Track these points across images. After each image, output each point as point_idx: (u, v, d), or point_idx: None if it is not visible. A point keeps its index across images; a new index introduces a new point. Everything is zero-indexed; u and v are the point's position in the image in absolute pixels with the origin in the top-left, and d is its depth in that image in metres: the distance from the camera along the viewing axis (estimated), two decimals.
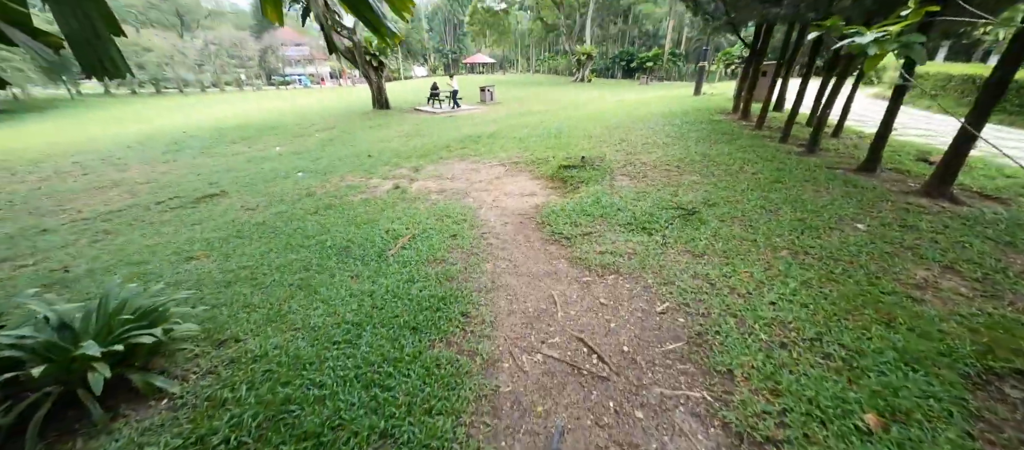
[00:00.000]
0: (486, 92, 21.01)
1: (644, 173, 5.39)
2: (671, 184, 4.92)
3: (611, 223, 4.02)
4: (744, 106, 8.57)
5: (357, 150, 10.35)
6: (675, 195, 4.52)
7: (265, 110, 25.42)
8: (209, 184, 8.27)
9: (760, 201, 4.25)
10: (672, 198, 4.45)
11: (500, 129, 11.07)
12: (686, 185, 4.82)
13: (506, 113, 15.58)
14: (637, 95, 20.88)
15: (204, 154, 12.35)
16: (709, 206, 4.15)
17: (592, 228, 3.94)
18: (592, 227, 3.96)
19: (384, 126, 14.51)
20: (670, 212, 4.07)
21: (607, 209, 4.29)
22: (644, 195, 4.58)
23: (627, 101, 16.17)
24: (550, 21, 43.82)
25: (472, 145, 8.97)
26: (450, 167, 7.30)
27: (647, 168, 5.58)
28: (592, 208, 4.36)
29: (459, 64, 69.33)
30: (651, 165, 5.70)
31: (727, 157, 5.76)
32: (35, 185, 9.93)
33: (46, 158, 14.07)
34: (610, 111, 12.69)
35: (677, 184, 4.91)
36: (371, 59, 17.88)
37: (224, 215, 5.99)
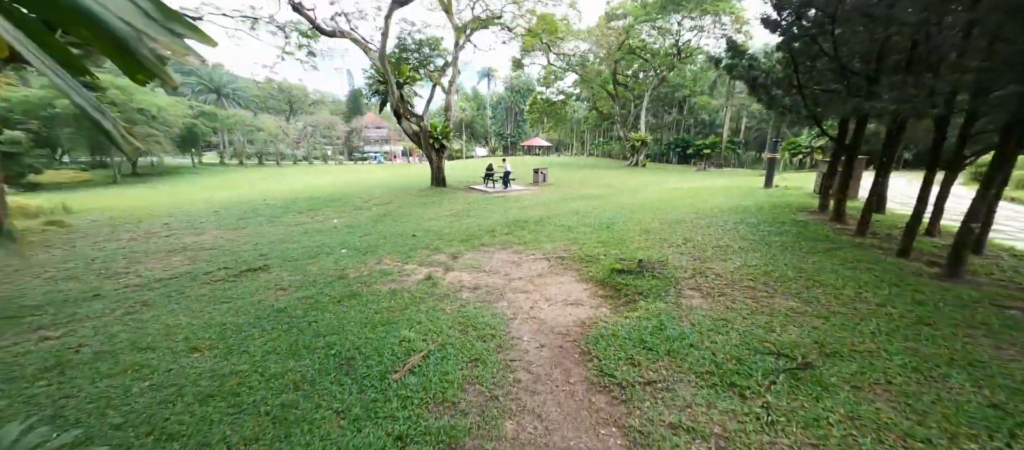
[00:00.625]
0: (539, 174, 21.10)
1: (721, 290, 4.25)
2: (761, 310, 3.72)
3: (683, 366, 2.92)
4: (837, 206, 7.21)
5: (404, 228, 10.19)
6: (770, 330, 3.32)
7: (339, 182, 27.61)
8: (260, 255, 8.30)
9: (908, 357, 2.88)
10: (767, 334, 3.25)
11: (549, 214, 10.47)
12: (783, 314, 3.60)
13: (557, 196, 15.15)
14: (696, 182, 19.74)
15: (271, 222, 13.02)
16: (828, 356, 2.88)
17: (656, 373, 2.86)
18: (656, 371, 2.89)
19: (436, 204, 14.63)
20: (769, 360, 2.87)
21: (676, 343, 3.21)
22: (725, 325, 3.45)
23: (686, 189, 15.12)
24: (605, 111, 45.31)
25: (517, 231, 8.34)
26: (490, 257, 6.62)
27: (724, 282, 4.43)
28: (655, 338, 3.30)
29: (517, 147, 73.16)
30: (729, 279, 4.55)
31: (833, 276, 4.44)
32: (123, 244, 10.78)
33: (149, 217, 15.74)
34: (669, 200, 11.70)
35: (770, 311, 3.71)
36: (433, 142, 18.86)
37: (254, 295, 5.65)
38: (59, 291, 6.53)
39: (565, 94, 44.98)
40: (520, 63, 36.79)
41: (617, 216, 9.20)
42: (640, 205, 10.97)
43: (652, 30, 35.50)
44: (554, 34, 22.60)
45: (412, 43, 25.93)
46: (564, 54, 35.35)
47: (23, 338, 4.69)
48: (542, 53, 36.36)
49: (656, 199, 12.44)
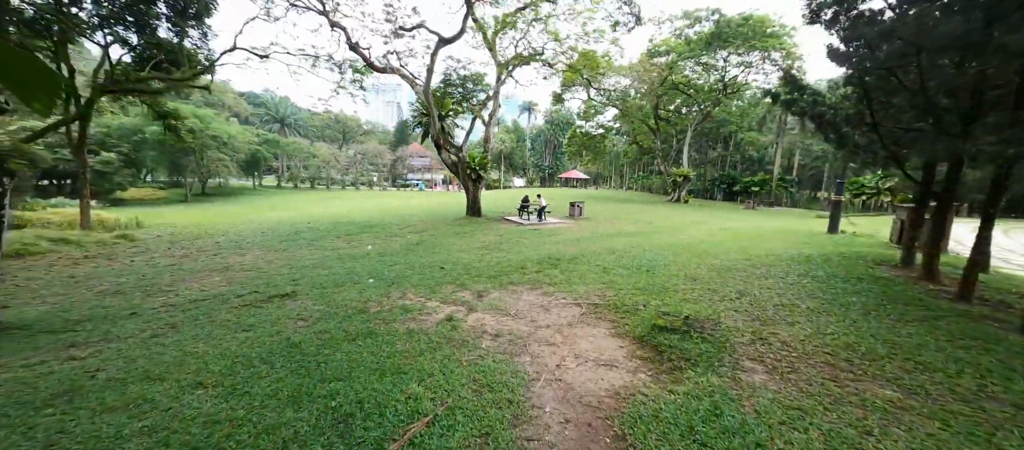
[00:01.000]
0: (575, 207, 20.55)
1: (791, 364, 3.45)
2: (848, 398, 2.89)
3: None
4: (927, 261, 6.06)
5: (434, 259, 9.96)
6: (865, 432, 2.51)
7: (380, 208, 28.48)
8: (291, 280, 8.31)
9: None
10: (862, 440, 2.46)
11: (583, 251, 9.86)
12: (880, 409, 2.74)
13: (593, 232, 14.49)
14: (745, 222, 18.34)
15: (310, 246, 13.34)
16: None
17: None
18: None
19: (469, 235, 14.43)
20: None
21: (737, 439, 2.50)
22: (802, 418, 2.68)
23: (736, 230, 13.95)
24: (646, 145, 44.38)
25: (548, 270, 7.81)
26: (517, 297, 6.13)
27: (793, 354, 3.62)
28: (709, 428, 2.63)
29: (554, 178, 73.16)
30: (800, 350, 3.72)
31: (940, 356, 3.45)
32: (175, 261, 11.36)
33: (205, 235, 16.73)
34: (716, 242, 10.73)
35: (861, 402, 2.86)
36: (471, 172, 18.97)
37: (275, 324, 5.48)
38: (103, 307, 6.76)
39: (605, 128, 44.65)
40: (560, 98, 37.12)
41: (658, 258, 8.44)
42: (683, 246, 10.10)
43: (696, 66, 34.82)
44: (595, 70, 22.57)
45: (457, 78, 26.92)
46: (605, 89, 35.31)
47: (54, 355, 4.74)
48: (583, 88, 36.55)
49: (701, 240, 11.48)
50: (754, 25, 29.45)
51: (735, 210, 31.39)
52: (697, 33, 31.58)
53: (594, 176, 75.93)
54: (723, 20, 29.87)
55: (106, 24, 16.74)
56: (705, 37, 30.51)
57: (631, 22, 14.60)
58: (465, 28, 16.49)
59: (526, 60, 20.78)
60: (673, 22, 32.03)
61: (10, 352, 4.80)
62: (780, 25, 30.18)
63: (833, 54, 5.65)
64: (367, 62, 18.84)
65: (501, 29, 18.66)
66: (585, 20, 17.53)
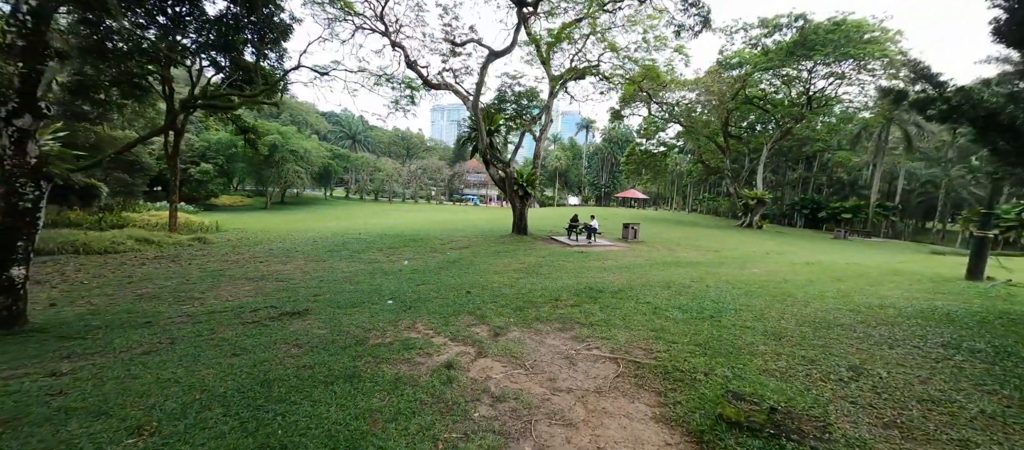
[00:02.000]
0: (629, 229, 18.77)
1: None
2: None
3: None
4: None
5: (465, 281, 9.10)
6: None
7: (431, 221, 28.72)
8: (313, 296, 7.91)
9: None
10: None
11: (632, 283, 8.39)
12: None
13: (647, 259, 12.79)
14: (838, 256, 15.34)
15: (351, 258, 13.25)
16: None
17: None
18: None
19: (510, 254, 13.46)
20: None
21: None
22: None
23: (827, 266, 11.46)
24: (713, 164, 40.71)
25: (587, 304, 6.54)
26: (540, 340, 4.98)
27: None
28: None
29: (611, 198, 70.30)
30: None
31: None
32: (226, 265, 11.74)
33: (266, 241, 17.62)
34: (804, 282, 8.64)
35: None
36: (518, 188, 18.14)
37: (267, 350, 4.89)
38: (130, 312, 6.75)
39: (666, 145, 41.78)
40: (619, 114, 35.36)
41: (725, 298, 6.77)
42: (759, 284, 8.21)
43: (774, 79, 31.26)
44: (657, 82, 20.83)
45: (511, 95, 26.59)
46: (667, 103, 32.99)
47: (41, 367, 4.48)
48: (643, 104, 34.52)
49: (782, 277, 9.39)
50: (847, 30, 25.72)
51: (821, 240, 27.13)
52: (776, 42, 28.35)
53: (654, 196, 71.75)
54: (809, 26, 26.51)
55: (202, 50, 18.73)
56: (786, 47, 27.23)
57: (697, 25, 13.00)
58: (516, 41, 15.94)
59: (581, 73, 19.75)
60: (747, 31, 29.13)
61: (8, 360, 4.65)
62: (881, 29, 26.08)
63: (1001, 32, 3.88)
64: (424, 80, 19.05)
65: (555, 43, 17.88)
66: (645, 28, 16.13)
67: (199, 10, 18.29)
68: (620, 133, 65.69)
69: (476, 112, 16.42)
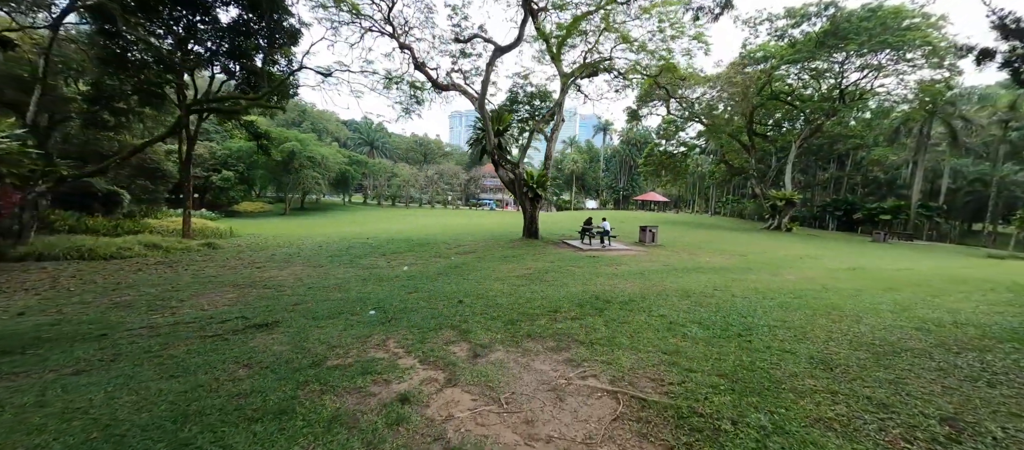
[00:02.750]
0: (647, 232, 17.59)
1: None
2: None
3: None
4: None
5: (461, 288, 8.30)
6: None
7: (443, 225, 28.19)
8: (292, 305, 7.24)
9: None
10: None
11: (646, 291, 7.39)
12: None
13: (664, 264, 11.67)
14: (883, 261, 13.78)
15: (351, 263, 12.68)
16: None
17: None
18: None
19: (517, 259, 12.59)
20: None
21: None
22: None
23: (874, 272, 10.09)
24: (737, 164, 38.73)
25: (590, 317, 5.62)
26: (526, 364, 4.10)
27: None
28: None
29: (630, 201, 68.45)
30: None
31: None
32: (222, 271, 11.31)
33: (273, 246, 17.34)
34: (850, 291, 7.40)
35: None
36: (528, 190, 17.28)
37: (208, 372, 4.19)
38: (91, 323, 6.24)
39: (687, 145, 40.04)
40: (636, 114, 34.05)
41: (755, 312, 5.70)
42: (796, 294, 7.05)
43: (802, 73, 29.32)
44: (675, 74, 19.60)
45: (523, 96, 25.82)
46: (686, 99, 31.47)
47: None
48: (661, 103, 33.12)
49: (822, 284, 8.16)
50: (884, 17, 23.77)
51: (858, 243, 25.03)
52: (804, 33, 26.55)
53: (674, 199, 69.41)
54: (841, 14, 24.67)
55: (215, 58, 18.81)
56: (815, 37, 25.43)
57: (717, 7, 11.86)
58: (522, 35, 15.16)
59: (593, 69, 18.79)
60: (773, 22, 27.43)
61: None
62: (921, 14, 23.98)
63: None
64: (433, 82, 18.52)
65: (566, 37, 17.01)
66: (661, 16, 15.04)
67: (213, 17, 18.40)
68: (638, 134, 63.93)
69: (483, 110, 15.70)
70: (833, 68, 28.14)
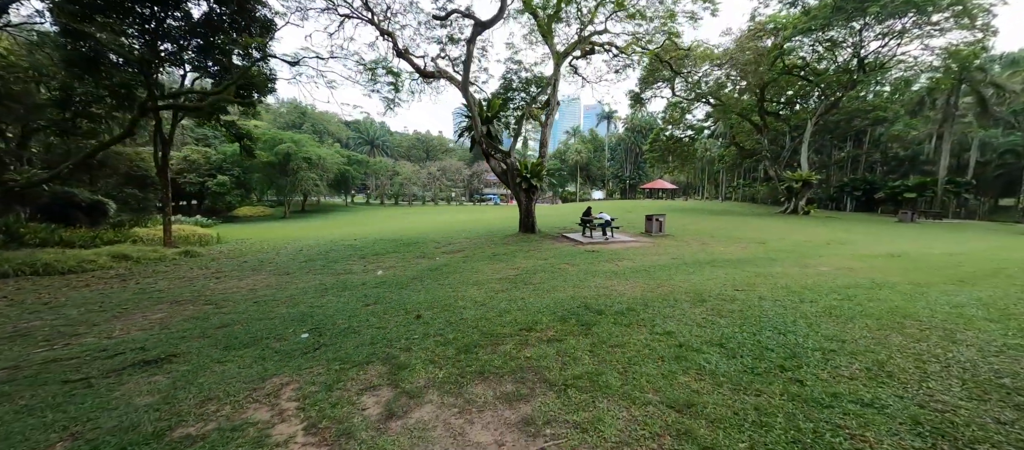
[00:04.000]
0: (653, 221, 16.00)
1: None
2: None
3: None
4: None
5: (426, 299, 6.93)
6: None
7: (440, 223, 26.89)
8: (216, 328, 5.93)
9: None
10: None
11: (649, 295, 5.91)
12: None
13: (673, 257, 10.14)
14: (924, 244, 12.06)
15: (322, 270, 11.39)
16: None
17: None
18: None
19: (506, 259, 11.17)
20: None
21: None
22: None
23: (923, 259, 8.44)
24: (748, 146, 36.60)
25: (573, 337, 4.19)
26: (461, 431, 2.71)
27: None
28: None
29: (637, 190, 66.41)
30: None
31: None
32: (169, 287, 9.96)
33: (254, 251, 16.17)
34: (909, 289, 5.81)
35: None
36: (521, 181, 15.79)
37: (24, 440, 2.89)
38: None
39: (694, 128, 37.98)
40: (639, 97, 32.14)
41: (795, 325, 4.20)
42: (841, 293, 5.51)
43: (817, 45, 27.07)
44: (676, 47, 17.81)
45: (519, 82, 24.20)
46: (690, 77, 29.45)
47: None
48: (666, 84, 31.18)
49: (870, 278, 6.58)
50: None
51: (883, 224, 23.03)
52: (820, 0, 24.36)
53: (683, 186, 67.12)
54: None
55: (185, 53, 17.60)
56: (832, 2, 23.25)
57: None
58: (505, 6, 13.58)
59: (589, 47, 17.14)
60: None
61: None
62: None
63: None
64: (418, 70, 17.10)
65: (558, 10, 15.37)
66: None
67: (185, 13, 17.18)
68: (644, 121, 61.71)
69: (467, 94, 14.22)
70: (850, 37, 25.89)
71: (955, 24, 22.91)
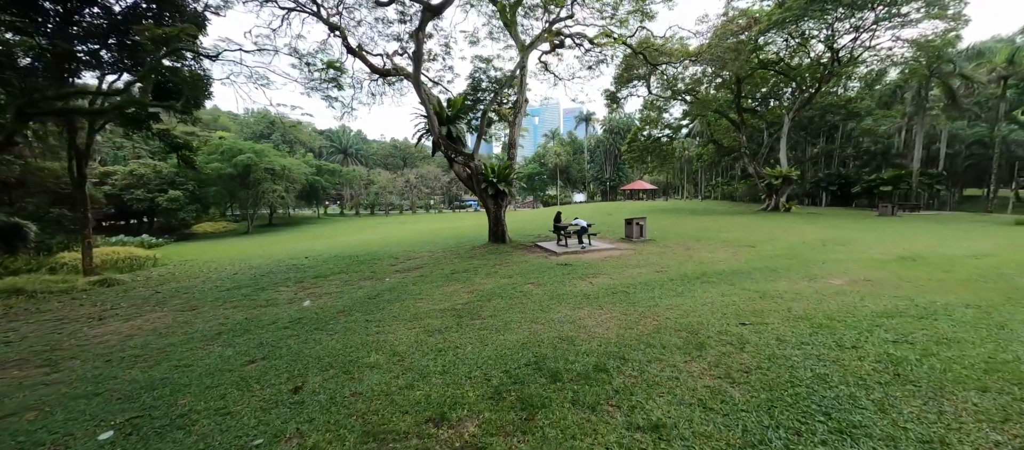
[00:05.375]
0: (634, 226, 14.54)
1: None
2: None
3: None
4: None
5: (338, 348, 5.13)
6: None
7: (412, 233, 24.93)
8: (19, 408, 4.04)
9: None
10: None
11: (628, 335, 4.30)
12: None
13: (656, 269, 8.59)
14: (931, 243, 10.92)
15: (242, 300, 9.34)
16: None
17: None
18: None
19: (461, 278, 9.41)
20: None
21: None
22: None
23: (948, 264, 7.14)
24: (726, 143, 35.96)
25: (508, 441, 2.48)
26: None
27: None
28: None
29: (618, 191, 65.69)
30: None
31: None
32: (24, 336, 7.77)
33: (185, 276, 13.86)
34: (984, 317, 4.38)
35: None
36: (487, 187, 14.11)
37: None
38: None
39: (672, 127, 37.13)
40: (615, 96, 31.02)
41: (852, 398, 2.61)
42: (895, 331, 4.03)
43: (791, 39, 26.40)
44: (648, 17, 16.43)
45: (488, 83, 22.59)
46: (667, 77, 28.45)
47: None
48: (641, 83, 30.13)
49: (911, 300, 5.14)
50: None
51: (866, 218, 22.30)
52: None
53: (663, 186, 66.75)
54: None
55: (104, 52, 15.31)
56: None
57: None
58: None
59: (558, 39, 15.67)
60: None
61: None
62: None
63: None
64: (372, 68, 15.29)
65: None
66: None
67: (105, 8, 14.96)
68: (621, 122, 61.09)
69: (419, 90, 12.48)
70: (822, 30, 25.28)
71: (926, 14, 22.49)
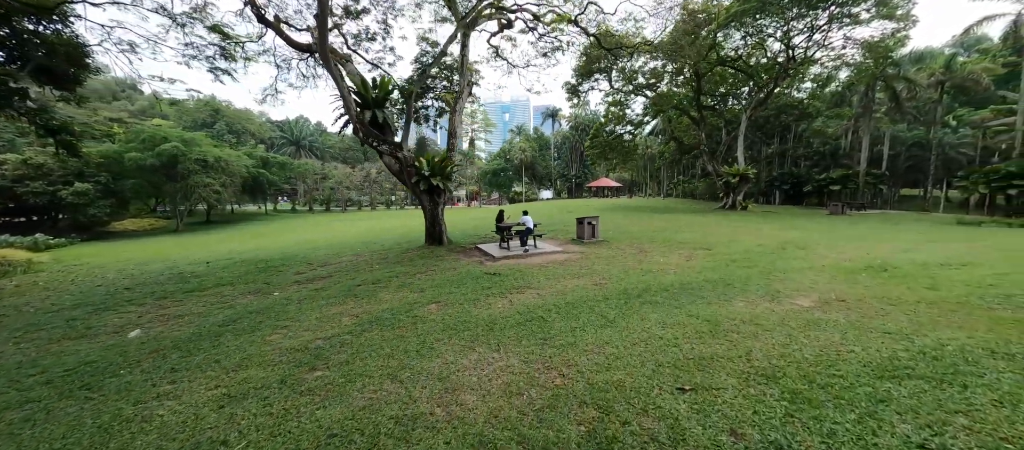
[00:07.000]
0: (585, 225, 13.09)
1: None
2: None
3: None
4: None
5: (89, 431, 3.13)
6: None
7: (350, 232, 22.52)
8: None
9: None
10: None
11: (504, 414, 2.65)
12: None
13: (596, 281, 7.06)
14: (894, 248, 10.05)
15: (65, 327, 7.03)
16: None
17: None
18: None
19: (362, 294, 7.50)
20: None
21: None
22: None
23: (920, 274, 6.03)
24: (687, 141, 35.66)
25: None
26: None
27: None
28: None
29: (584, 188, 65.14)
30: None
31: None
32: None
33: (55, 288, 11.03)
34: (1006, 383, 3.00)
35: None
36: (419, 182, 12.19)
37: None
38: None
39: (633, 123, 36.38)
40: (576, 89, 29.77)
41: None
42: (874, 389, 2.56)
43: (748, 37, 25.97)
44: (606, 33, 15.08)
45: (438, 68, 20.48)
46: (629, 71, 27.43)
47: None
48: (603, 77, 29.02)
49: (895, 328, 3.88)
50: None
51: (819, 217, 22.18)
52: None
53: (628, 184, 66.86)
54: None
55: None
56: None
57: None
58: None
59: (503, 17, 13.92)
60: None
61: None
62: None
63: None
64: (295, 45, 12.91)
65: None
66: None
67: None
68: (587, 118, 60.38)
69: (326, 62, 10.34)
70: (779, 30, 24.99)
71: (876, 14, 22.51)
